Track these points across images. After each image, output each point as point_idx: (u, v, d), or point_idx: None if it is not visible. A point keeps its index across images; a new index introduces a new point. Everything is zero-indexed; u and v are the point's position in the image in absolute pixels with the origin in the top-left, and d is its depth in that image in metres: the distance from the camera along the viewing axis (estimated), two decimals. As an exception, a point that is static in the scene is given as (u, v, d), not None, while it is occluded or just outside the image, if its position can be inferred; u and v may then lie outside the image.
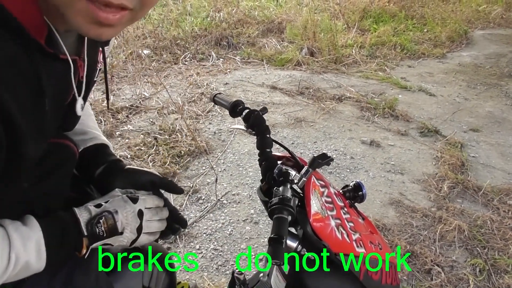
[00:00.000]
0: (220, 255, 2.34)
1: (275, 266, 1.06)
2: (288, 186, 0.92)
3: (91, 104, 3.82)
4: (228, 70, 5.25)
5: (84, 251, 0.77)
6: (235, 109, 1.18)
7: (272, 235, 0.77)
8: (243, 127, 1.18)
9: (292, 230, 0.95)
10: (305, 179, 0.97)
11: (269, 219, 2.70)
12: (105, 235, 0.78)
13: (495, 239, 2.52)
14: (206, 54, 5.70)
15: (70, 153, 0.85)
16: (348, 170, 3.19)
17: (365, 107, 4.35)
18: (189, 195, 2.82)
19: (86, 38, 0.76)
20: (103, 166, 0.93)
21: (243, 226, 2.56)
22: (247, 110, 1.14)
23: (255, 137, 1.10)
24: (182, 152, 3.27)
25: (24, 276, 0.69)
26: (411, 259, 2.33)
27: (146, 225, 0.84)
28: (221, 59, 5.64)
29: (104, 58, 0.87)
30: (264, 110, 1.16)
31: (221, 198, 2.82)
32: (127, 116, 3.84)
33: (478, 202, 2.88)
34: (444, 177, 3.11)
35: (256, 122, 1.09)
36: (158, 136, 3.48)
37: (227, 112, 1.20)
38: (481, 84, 5.30)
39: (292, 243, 0.89)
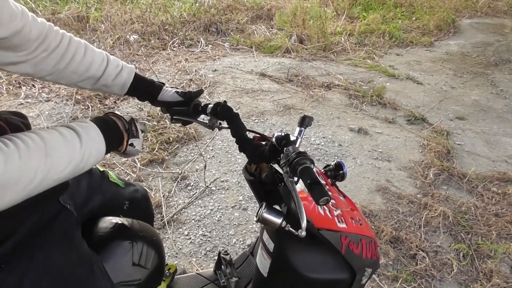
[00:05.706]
0: (209, 241, 2.35)
1: (260, 244, 1.08)
2: (295, 145, 0.97)
3: (76, 92, 3.78)
4: (217, 57, 5.22)
5: (125, 144, 0.95)
6: (197, 108, 1.17)
7: (308, 181, 0.81)
8: (204, 121, 1.20)
9: (277, 207, 0.97)
10: (300, 138, 1.04)
11: (257, 205, 2.71)
12: (135, 134, 0.98)
13: (478, 225, 2.57)
14: (195, 40, 5.65)
15: None
16: (336, 157, 3.22)
17: (353, 95, 4.37)
18: (178, 181, 2.82)
19: None
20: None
21: (231, 212, 2.58)
22: (211, 105, 1.14)
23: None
24: (171, 138, 3.26)
25: (96, 161, 0.84)
26: (396, 245, 2.38)
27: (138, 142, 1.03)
28: (210, 46, 5.59)
29: None
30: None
31: (210, 184, 2.82)
32: (114, 102, 3.80)
33: (462, 189, 2.93)
34: (430, 164, 3.15)
35: (225, 113, 1.09)
36: (147, 122, 3.46)
37: (215, 99, 1.20)
38: (467, 73, 5.36)
39: (277, 220, 0.92)
